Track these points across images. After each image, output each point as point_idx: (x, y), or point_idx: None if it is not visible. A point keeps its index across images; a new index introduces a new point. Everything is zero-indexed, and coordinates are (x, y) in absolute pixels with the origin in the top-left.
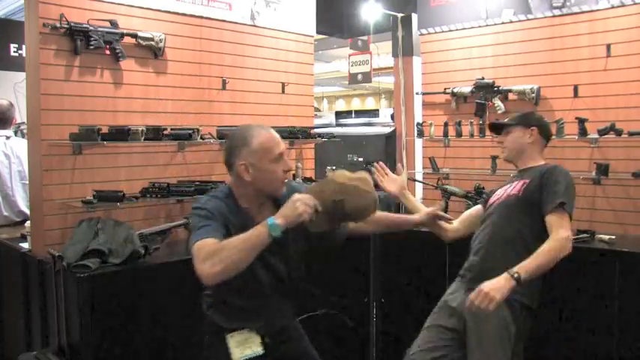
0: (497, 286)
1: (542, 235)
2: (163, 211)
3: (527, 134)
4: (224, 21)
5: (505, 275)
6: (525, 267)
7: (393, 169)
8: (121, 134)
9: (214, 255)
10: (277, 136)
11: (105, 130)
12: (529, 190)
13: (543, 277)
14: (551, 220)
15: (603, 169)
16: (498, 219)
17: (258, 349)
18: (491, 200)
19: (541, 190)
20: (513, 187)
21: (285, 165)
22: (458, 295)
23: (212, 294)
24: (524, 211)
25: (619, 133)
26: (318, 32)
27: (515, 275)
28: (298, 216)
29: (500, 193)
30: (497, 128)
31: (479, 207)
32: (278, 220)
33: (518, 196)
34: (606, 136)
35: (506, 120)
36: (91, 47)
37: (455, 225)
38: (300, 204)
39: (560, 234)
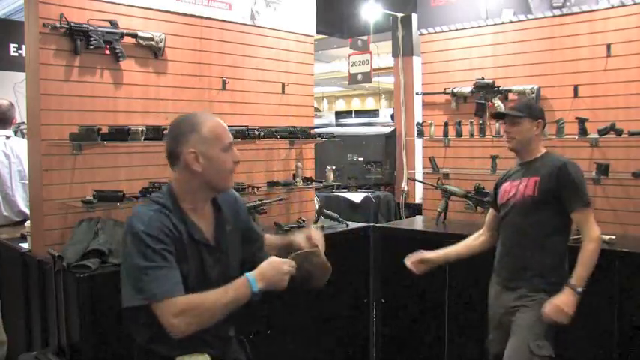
0: (567, 301)
1: (563, 228)
2: None
3: (534, 126)
4: (224, 21)
5: (568, 290)
6: (580, 277)
7: (394, 169)
8: (121, 134)
9: (190, 311)
10: (225, 124)
11: (105, 130)
12: (544, 190)
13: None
14: (581, 218)
15: (603, 169)
16: (521, 220)
17: None
18: (503, 198)
19: (561, 189)
20: (526, 187)
21: (234, 156)
22: (499, 300)
23: (153, 327)
24: (542, 208)
25: (619, 133)
26: (318, 32)
27: (578, 290)
28: (280, 283)
29: (510, 190)
30: (501, 117)
31: (492, 213)
32: (259, 284)
33: (534, 197)
34: (606, 136)
35: (513, 111)
36: (91, 47)
37: (484, 237)
38: (286, 273)
39: (594, 232)
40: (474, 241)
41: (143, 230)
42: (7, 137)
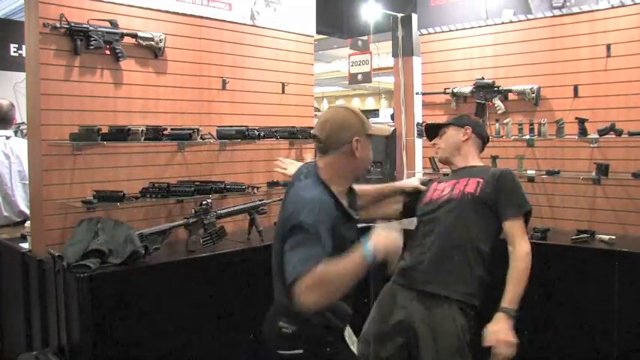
0: (505, 329)
1: (492, 238)
2: (163, 211)
3: (460, 132)
4: (224, 21)
5: (503, 316)
6: (511, 299)
7: (394, 169)
8: (120, 134)
9: (321, 287)
10: None
11: (105, 130)
12: (485, 192)
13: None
14: (513, 228)
15: (603, 170)
16: (453, 219)
17: (355, 341)
18: (432, 196)
19: (498, 194)
20: (466, 185)
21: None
22: (408, 305)
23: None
24: (478, 211)
25: (619, 133)
26: (318, 32)
27: (513, 314)
28: (394, 256)
29: (443, 189)
30: (433, 130)
31: (399, 198)
32: (377, 254)
33: (475, 196)
34: (606, 136)
35: (446, 121)
36: (91, 47)
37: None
38: (398, 245)
39: (523, 248)
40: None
41: (312, 222)
42: (7, 137)
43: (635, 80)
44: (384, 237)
